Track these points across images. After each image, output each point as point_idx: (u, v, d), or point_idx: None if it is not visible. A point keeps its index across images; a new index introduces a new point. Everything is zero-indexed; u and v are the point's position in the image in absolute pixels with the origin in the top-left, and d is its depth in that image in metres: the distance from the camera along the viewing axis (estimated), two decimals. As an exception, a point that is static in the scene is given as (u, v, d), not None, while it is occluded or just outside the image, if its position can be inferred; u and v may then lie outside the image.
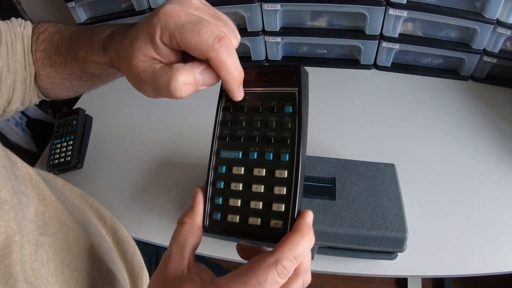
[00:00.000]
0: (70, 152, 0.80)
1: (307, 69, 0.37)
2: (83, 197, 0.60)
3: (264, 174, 0.34)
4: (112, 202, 0.73)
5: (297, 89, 0.35)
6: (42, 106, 1.10)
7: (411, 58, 0.90)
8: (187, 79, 0.32)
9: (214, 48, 0.30)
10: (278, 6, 0.84)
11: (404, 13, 0.81)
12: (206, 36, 0.30)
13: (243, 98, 0.36)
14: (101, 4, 0.97)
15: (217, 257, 0.64)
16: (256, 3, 0.84)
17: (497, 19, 0.76)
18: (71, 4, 0.93)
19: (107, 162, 0.83)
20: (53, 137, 0.85)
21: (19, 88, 0.47)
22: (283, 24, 0.90)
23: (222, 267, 0.79)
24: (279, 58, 0.95)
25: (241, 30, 0.89)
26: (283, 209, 0.33)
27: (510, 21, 0.76)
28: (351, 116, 0.83)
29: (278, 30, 0.89)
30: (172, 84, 0.31)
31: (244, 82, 0.35)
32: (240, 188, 0.34)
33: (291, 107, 0.34)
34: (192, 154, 0.79)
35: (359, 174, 0.62)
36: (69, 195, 0.58)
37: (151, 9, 0.92)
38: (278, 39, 0.90)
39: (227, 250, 0.64)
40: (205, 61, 0.32)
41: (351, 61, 0.93)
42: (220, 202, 0.34)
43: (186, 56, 0.33)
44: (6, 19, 0.47)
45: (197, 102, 0.89)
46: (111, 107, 0.95)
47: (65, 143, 0.82)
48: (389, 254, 0.59)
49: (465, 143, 0.75)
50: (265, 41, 0.92)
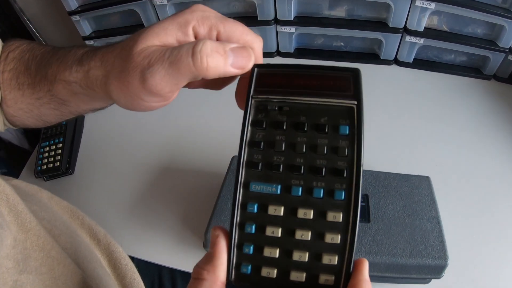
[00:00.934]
0: (59, 157, 0.71)
1: (322, 63, 0.29)
2: (73, 212, 0.52)
3: (311, 216, 0.26)
4: (107, 214, 0.65)
5: (355, 102, 0.27)
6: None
7: (434, 54, 0.84)
8: (217, 47, 0.27)
9: (258, 39, 0.30)
10: (293, -8, 0.76)
11: (432, 5, 0.74)
12: (248, 29, 0.30)
13: (282, 110, 0.28)
14: (107, 18, 0.89)
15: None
16: (269, -12, 0.76)
17: (527, 17, 0.71)
18: (76, 18, 0.85)
19: (101, 167, 0.75)
20: (41, 139, 0.76)
21: None
22: (298, 12, 0.82)
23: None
24: (292, 51, 0.87)
25: (251, 19, 0.81)
26: (335, 262, 0.26)
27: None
28: (369, 116, 0.76)
29: (292, 19, 0.81)
30: (197, 47, 0.27)
31: (282, 87, 0.28)
32: (279, 235, 0.27)
33: (347, 128, 0.27)
34: (198, 160, 0.71)
35: (393, 190, 0.55)
36: (56, 211, 0.50)
37: None
38: (292, 29, 0.82)
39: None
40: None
41: (370, 56, 0.86)
42: (251, 251, 0.27)
43: None
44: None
45: (202, 100, 0.81)
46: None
47: (54, 146, 0.73)
48: (424, 280, 0.53)
49: (488, 146, 0.71)
50: (277, 31, 0.83)
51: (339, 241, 0.26)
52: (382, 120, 0.75)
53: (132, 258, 0.55)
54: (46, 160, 0.72)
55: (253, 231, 0.27)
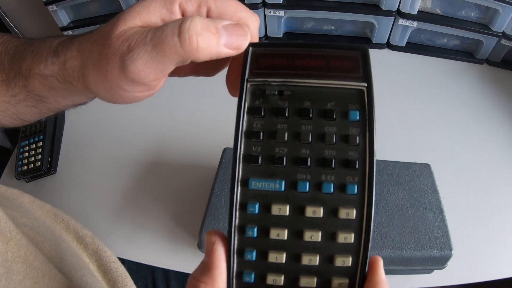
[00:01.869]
0: (40, 156, 0.66)
1: None
2: (57, 216, 0.49)
3: (321, 215, 0.24)
4: (93, 215, 0.61)
5: (365, 84, 0.25)
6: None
7: (426, 38, 0.83)
8: (208, 24, 0.24)
9: (255, 17, 0.27)
10: (282, -27, 0.72)
11: (426, -13, 0.72)
12: (243, 5, 0.27)
13: (283, 95, 0.25)
14: (86, 6, 0.84)
15: None
16: (257, -31, 0.72)
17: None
18: (52, 8, 0.80)
19: (84, 165, 0.70)
20: (20, 138, 0.71)
21: None
22: (287, -5, 0.78)
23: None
24: (281, 35, 0.83)
25: (238, 1, 0.77)
26: (349, 264, 0.23)
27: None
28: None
29: (281, 2, 0.77)
30: (184, 25, 0.23)
31: (282, 69, 0.25)
32: (285, 237, 0.24)
33: (358, 112, 0.24)
34: (188, 154, 0.68)
35: (394, 179, 0.53)
36: (39, 216, 0.46)
37: None
38: (281, 12, 0.78)
39: None
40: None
41: (361, 39, 0.84)
42: (254, 257, 0.24)
43: None
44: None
45: (190, 87, 0.77)
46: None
47: (34, 145, 0.68)
48: (428, 271, 0.52)
49: (483, 131, 0.70)
50: (265, 14, 0.80)
51: (353, 240, 0.23)
52: (375, 106, 0.73)
53: (123, 261, 0.52)
54: (26, 160, 0.67)
55: (255, 234, 0.24)
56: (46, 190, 0.67)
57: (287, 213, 0.24)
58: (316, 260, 0.23)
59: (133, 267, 0.52)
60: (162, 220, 0.60)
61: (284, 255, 0.24)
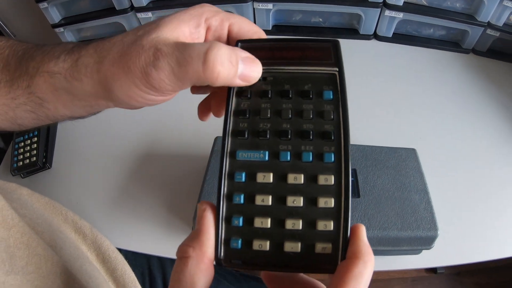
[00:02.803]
0: (35, 151, 0.67)
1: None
2: (55, 208, 0.50)
3: (302, 181, 0.25)
4: (90, 208, 0.62)
5: (337, 69, 0.28)
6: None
7: (413, 29, 0.84)
8: (230, 55, 0.26)
9: (262, 32, 0.30)
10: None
11: (411, -21, 0.73)
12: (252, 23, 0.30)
13: (266, 80, 0.28)
14: (77, 3, 0.84)
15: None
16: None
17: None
18: (43, 5, 0.80)
19: (79, 159, 0.71)
20: (15, 134, 0.71)
21: None
22: (275, -12, 0.79)
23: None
24: (270, 28, 0.84)
25: (228, -5, 0.78)
26: (331, 228, 0.24)
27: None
28: (350, 91, 0.75)
29: (270, -5, 0.78)
30: (210, 54, 0.25)
31: (266, 59, 0.28)
32: (270, 203, 0.25)
33: (331, 92, 0.27)
34: (179, 144, 0.69)
35: (381, 163, 0.55)
36: (37, 208, 0.47)
37: (132, 8, 0.81)
38: (269, 5, 0.79)
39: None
40: None
41: (349, 31, 0.85)
42: (241, 223, 0.25)
43: None
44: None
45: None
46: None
47: (29, 141, 0.68)
48: (415, 251, 0.53)
49: (469, 118, 0.72)
50: (254, 8, 0.81)
51: (333, 205, 0.25)
52: (363, 95, 0.75)
53: (120, 250, 0.52)
54: (22, 156, 0.68)
55: (242, 201, 0.25)
56: (42, 185, 0.67)
57: (271, 180, 0.26)
58: (299, 224, 0.24)
59: (129, 256, 0.53)
60: (157, 209, 0.61)
61: (269, 220, 0.25)
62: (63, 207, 0.52)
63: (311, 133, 0.26)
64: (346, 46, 0.82)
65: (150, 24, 0.28)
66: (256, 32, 0.30)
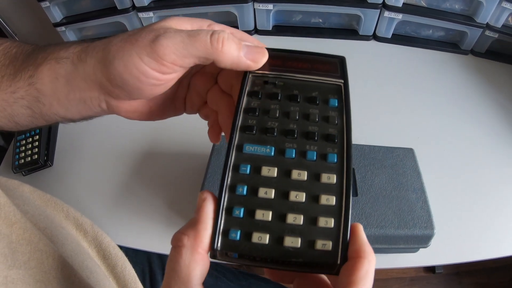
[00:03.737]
0: (37, 149, 0.68)
1: (301, 39, 0.33)
2: (57, 205, 0.50)
3: (305, 178, 0.26)
4: (91, 205, 0.62)
5: (343, 81, 0.30)
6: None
7: (412, 30, 0.85)
8: (234, 36, 0.28)
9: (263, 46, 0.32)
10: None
11: (410, -20, 0.74)
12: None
13: (276, 85, 0.30)
14: (78, 2, 0.84)
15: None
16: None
17: (504, -7, 0.72)
18: (45, 4, 0.81)
19: (80, 157, 0.72)
20: (16, 132, 0.72)
21: None
22: (275, -11, 0.80)
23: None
24: (270, 28, 0.85)
25: (229, -5, 0.79)
26: (332, 225, 0.24)
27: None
28: (350, 91, 0.76)
29: (270, -5, 0.79)
30: (217, 31, 0.27)
31: (279, 66, 0.31)
32: (272, 196, 0.25)
33: (336, 100, 0.29)
34: (181, 143, 0.69)
35: (379, 163, 0.56)
36: (39, 205, 0.47)
37: (134, 8, 0.82)
38: (270, 6, 0.80)
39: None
40: None
41: (348, 32, 0.86)
42: (242, 214, 0.25)
43: None
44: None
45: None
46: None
47: (31, 139, 0.69)
48: (412, 249, 0.54)
49: (467, 119, 0.72)
50: (254, 8, 0.81)
51: (334, 203, 0.25)
52: (362, 95, 0.75)
53: (120, 247, 0.53)
54: (23, 154, 0.69)
55: (244, 192, 0.26)
56: (43, 183, 0.68)
57: (275, 174, 0.26)
58: (300, 219, 0.25)
59: (130, 253, 0.54)
60: (157, 207, 0.61)
61: (271, 213, 0.25)
62: (65, 204, 0.52)
63: (316, 135, 0.27)
64: (346, 46, 0.85)
65: (156, 22, 0.29)
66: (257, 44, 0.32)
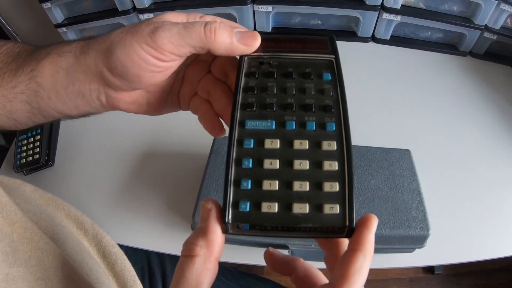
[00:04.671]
0: (38, 149, 0.68)
1: None
2: (58, 204, 0.51)
3: (307, 146, 0.27)
4: (91, 204, 0.63)
5: (334, 56, 0.32)
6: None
7: (410, 31, 0.85)
8: (225, 25, 0.30)
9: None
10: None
11: (409, -18, 0.74)
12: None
13: (271, 64, 0.32)
14: (79, 3, 0.85)
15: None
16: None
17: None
18: (47, 5, 0.81)
19: (81, 157, 0.72)
20: (18, 132, 0.73)
21: None
22: (275, -9, 0.80)
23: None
24: (269, 29, 0.86)
25: (228, -2, 0.79)
26: (337, 189, 0.25)
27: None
28: (347, 92, 0.76)
29: (269, -3, 0.79)
30: (210, 21, 0.29)
31: (272, 48, 0.32)
32: (277, 166, 0.26)
33: (329, 74, 0.31)
34: (179, 143, 0.70)
35: (375, 164, 0.56)
36: (40, 204, 0.48)
37: (135, 9, 0.83)
38: (269, 8, 0.80)
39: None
40: None
41: (347, 33, 0.86)
42: (249, 186, 0.26)
43: None
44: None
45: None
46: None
47: (32, 138, 0.70)
48: (408, 249, 0.55)
49: (465, 120, 0.73)
50: (253, 10, 0.82)
51: (337, 168, 0.26)
52: (361, 97, 0.76)
53: (120, 246, 0.54)
54: (25, 154, 0.69)
55: (250, 165, 0.27)
56: (44, 182, 0.69)
57: (278, 146, 0.27)
58: (306, 186, 0.25)
59: (129, 252, 0.54)
60: (157, 206, 0.62)
61: (277, 182, 0.26)
62: (66, 203, 0.53)
63: (314, 106, 0.29)
64: (344, 48, 0.85)
65: (154, 17, 0.31)
66: None
